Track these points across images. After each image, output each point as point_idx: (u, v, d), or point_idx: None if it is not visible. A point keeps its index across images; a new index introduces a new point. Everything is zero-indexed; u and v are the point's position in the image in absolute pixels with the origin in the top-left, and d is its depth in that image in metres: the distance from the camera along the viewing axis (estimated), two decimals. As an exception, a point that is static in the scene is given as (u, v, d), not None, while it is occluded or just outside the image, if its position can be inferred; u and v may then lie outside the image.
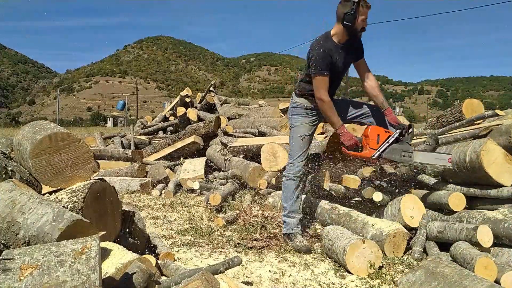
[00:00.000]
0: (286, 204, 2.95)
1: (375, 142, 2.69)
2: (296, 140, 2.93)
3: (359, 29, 2.75)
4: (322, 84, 2.74)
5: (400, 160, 2.72)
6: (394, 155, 2.69)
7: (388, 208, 2.94)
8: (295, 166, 2.92)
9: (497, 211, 2.48)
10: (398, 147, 2.69)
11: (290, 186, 2.95)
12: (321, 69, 2.72)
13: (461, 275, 1.82)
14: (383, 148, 2.67)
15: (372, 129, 2.74)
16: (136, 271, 1.52)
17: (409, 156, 2.69)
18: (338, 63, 2.82)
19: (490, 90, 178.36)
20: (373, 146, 2.69)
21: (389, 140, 2.67)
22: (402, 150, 2.70)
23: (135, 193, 5.02)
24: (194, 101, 8.67)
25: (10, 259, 1.32)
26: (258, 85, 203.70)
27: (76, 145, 2.08)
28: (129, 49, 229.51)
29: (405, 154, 2.70)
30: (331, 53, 2.76)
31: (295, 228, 2.91)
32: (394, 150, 2.68)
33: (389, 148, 2.67)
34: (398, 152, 2.69)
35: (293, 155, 2.94)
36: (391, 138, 2.68)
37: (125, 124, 34.93)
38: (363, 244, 2.34)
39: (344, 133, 2.73)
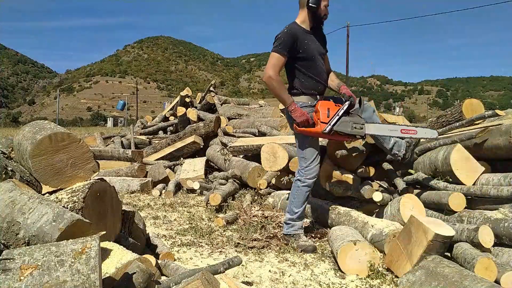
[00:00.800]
0: (298, 209, 2.86)
1: (325, 116, 2.65)
2: (308, 142, 2.81)
3: (322, 15, 2.82)
4: (276, 61, 2.71)
5: (351, 132, 2.67)
6: (345, 128, 2.64)
7: (388, 208, 2.94)
8: (313, 169, 2.82)
9: (497, 211, 2.48)
10: (349, 119, 2.66)
11: (305, 191, 2.85)
12: (281, 47, 2.71)
13: (461, 275, 1.82)
14: (333, 122, 2.62)
15: (321, 103, 2.70)
16: (136, 271, 1.52)
17: (360, 127, 2.68)
18: (310, 46, 2.79)
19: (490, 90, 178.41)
20: (324, 120, 2.64)
21: (338, 113, 2.64)
22: (353, 122, 2.67)
23: (135, 193, 5.02)
24: (194, 101, 8.67)
25: (10, 259, 1.32)
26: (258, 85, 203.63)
27: (76, 145, 2.08)
28: (129, 49, 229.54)
29: (356, 126, 2.67)
30: (298, 35, 2.75)
31: (300, 230, 2.90)
32: (345, 123, 2.64)
33: (339, 121, 2.63)
34: (349, 124, 2.66)
35: (308, 158, 2.81)
36: (340, 110, 2.65)
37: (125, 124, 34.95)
38: (355, 246, 2.34)
39: (295, 109, 2.68)
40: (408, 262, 2.10)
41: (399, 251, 2.22)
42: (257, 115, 7.04)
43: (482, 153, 2.91)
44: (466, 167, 2.80)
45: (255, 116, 6.99)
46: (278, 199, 3.71)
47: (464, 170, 2.79)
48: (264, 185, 4.06)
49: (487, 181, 2.71)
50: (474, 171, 2.81)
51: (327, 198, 3.59)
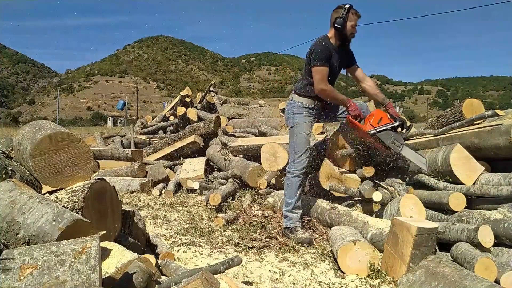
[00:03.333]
0: (291, 200, 3.05)
1: (376, 122, 2.97)
2: (300, 137, 3.06)
3: (348, 34, 3.03)
4: (322, 74, 2.95)
5: (389, 145, 2.95)
6: (386, 139, 2.94)
7: (388, 208, 2.94)
8: (301, 162, 3.05)
9: (497, 211, 2.48)
10: (393, 134, 2.96)
11: (296, 182, 3.06)
12: (322, 60, 2.95)
13: (461, 275, 1.82)
14: (380, 129, 2.95)
15: (378, 111, 3.03)
16: (136, 271, 1.52)
17: (398, 145, 2.96)
18: (334, 63, 3.06)
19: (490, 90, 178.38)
20: (373, 124, 2.97)
21: (387, 125, 2.96)
22: (395, 138, 2.96)
23: (135, 193, 5.02)
24: (194, 101, 8.68)
25: (10, 259, 1.32)
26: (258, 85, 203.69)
27: (76, 145, 2.08)
28: (129, 49, 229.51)
29: (396, 142, 2.96)
30: (331, 50, 3.01)
31: (297, 222, 3.04)
32: (388, 135, 2.95)
33: (385, 131, 2.94)
34: (391, 138, 2.95)
35: (298, 152, 3.06)
36: (390, 124, 2.97)
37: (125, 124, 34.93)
38: (355, 246, 2.34)
39: (352, 105, 3.01)
40: (402, 263, 2.11)
41: (391, 256, 2.23)
42: (257, 115, 7.04)
43: (482, 153, 2.91)
44: (466, 167, 2.80)
45: (255, 116, 6.99)
46: (278, 199, 3.70)
47: (464, 170, 2.80)
48: (264, 185, 4.06)
49: (487, 181, 2.71)
50: (474, 171, 2.81)
51: (327, 198, 3.59)
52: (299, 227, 3.02)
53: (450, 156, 2.81)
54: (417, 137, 3.72)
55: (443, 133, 3.34)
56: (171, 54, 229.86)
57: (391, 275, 2.21)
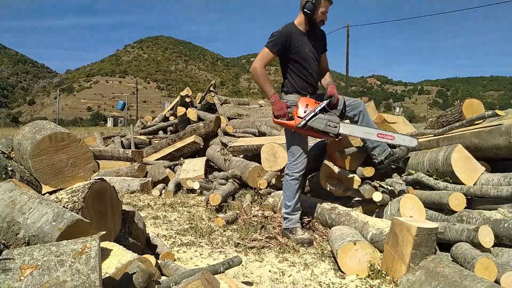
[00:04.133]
0: (290, 202, 3.00)
1: (302, 111, 2.72)
2: (295, 138, 2.95)
3: (318, 21, 2.88)
4: (264, 55, 2.86)
5: (325, 129, 2.70)
6: (319, 124, 2.69)
7: (388, 208, 2.94)
8: (299, 164, 2.96)
9: (497, 211, 2.48)
10: (324, 117, 2.71)
11: (294, 185, 2.99)
12: (272, 44, 2.84)
13: (461, 275, 1.82)
14: (308, 117, 2.69)
15: (302, 99, 2.78)
16: (136, 271, 1.52)
17: (334, 126, 2.71)
18: (303, 47, 2.89)
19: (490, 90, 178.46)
20: (300, 115, 2.72)
21: (315, 110, 2.70)
22: (328, 120, 2.71)
23: (135, 193, 5.02)
24: (194, 101, 8.67)
25: (10, 259, 1.32)
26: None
27: (76, 145, 2.08)
28: (129, 49, 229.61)
29: (331, 124, 2.70)
30: (291, 35, 2.86)
31: (297, 223, 3.01)
32: (319, 119, 2.70)
33: (315, 117, 2.69)
34: (323, 121, 2.70)
35: (296, 153, 2.96)
36: (317, 107, 2.71)
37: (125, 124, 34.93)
38: (355, 246, 2.34)
39: (276, 102, 2.80)
40: (402, 263, 2.11)
41: (391, 256, 2.23)
42: (257, 115, 7.03)
43: (482, 153, 2.91)
44: (466, 167, 2.80)
45: (255, 116, 6.99)
46: (278, 199, 3.70)
47: (464, 170, 2.80)
48: (264, 185, 4.06)
49: (487, 181, 2.71)
50: (475, 171, 2.81)
51: (327, 198, 3.59)
52: (299, 228, 3.00)
53: (451, 157, 2.81)
54: (417, 137, 3.72)
55: (443, 133, 3.34)
56: (171, 54, 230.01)
57: (391, 275, 2.21)
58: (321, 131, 2.72)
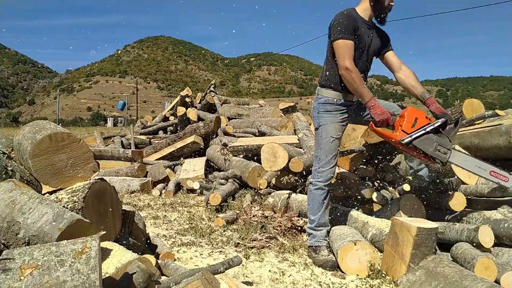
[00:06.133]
0: (314, 216, 2.60)
1: (410, 126, 2.28)
2: (325, 142, 2.54)
3: (386, 4, 2.47)
4: (346, 50, 2.35)
5: (432, 154, 2.27)
6: (427, 146, 2.25)
7: (388, 208, 2.94)
8: (325, 172, 2.55)
9: (497, 211, 2.48)
10: (436, 138, 2.27)
11: (319, 195, 2.58)
12: (346, 32, 2.36)
13: (461, 275, 1.82)
14: (417, 135, 2.26)
15: (410, 110, 2.34)
16: (136, 271, 1.52)
17: (444, 152, 2.27)
18: (364, 37, 2.46)
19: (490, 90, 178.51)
20: (406, 129, 2.27)
21: (426, 128, 2.27)
22: (439, 143, 2.27)
23: (135, 193, 5.02)
24: (194, 101, 8.68)
25: (10, 259, 1.32)
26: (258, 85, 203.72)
27: (76, 145, 2.08)
28: (129, 49, 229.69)
29: (441, 148, 2.27)
30: (357, 21, 2.43)
31: (323, 241, 2.59)
32: (429, 141, 2.26)
33: (424, 136, 2.26)
34: (433, 144, 2.26)
35: (322, 159, 2.55)
36: (429, 126, 2.27)
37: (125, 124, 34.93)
38: (355, 246, 2.34)
39: (375, 106, 2.32)
40: (402, 263, 2.11)
41: (391, 256, 2.23)
42: (257, 115, 7.04)
43: (482, 153, 2.91)
44: (464, 175, 2.78)
45: (255, 116, 7.00)
46: (278, 199, 3.70)
47: (463, 178, 2.78)
48: (264, 185, 4.06)
49: (487, 181, 2.71)
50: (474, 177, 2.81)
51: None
52: (325, 247, 2.56)
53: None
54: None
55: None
56: (171, 54, 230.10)
57: (391, 275, 2.21)
58: (427, 154, 2.30)
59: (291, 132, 5.54)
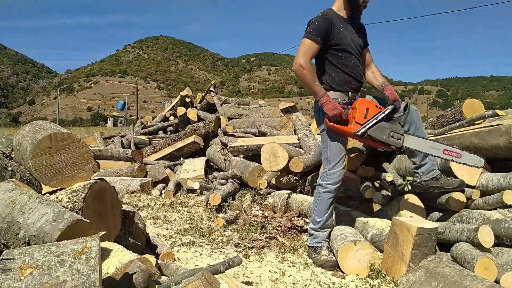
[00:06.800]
0: (320, 218, 2.59)
1: (362, 116, 2.34)
2: (333, 144, 2.53)
3: (360, 2, 2.51)
4: (308, 48, 2.42)
5: (387, 141, 2.35)
6: (382, 134, 2.33)
7: (388, 208, 2.94)
8: (336, 174, 2.53)
9: (497, 211, 2.48)
10: (388, 126, 2.35)
11: (327, 198, 2.57)
12: (314, 33, 2.42)
13: (461, 275, 1.82)
14: (370, 124, 2.32)
15: (361, 101, 2.39)
16: (136, 271, 1.52)
17: (398, 138, 2.36)
18: (346, 35, 2.50)
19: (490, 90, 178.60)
20: (359, 121, 2.33)
21: (377, 116, 2.33)
22: (392, 130, 2.35)
23: (135, 193, 5.02)
24: (194, 101, 8.68)
25: (10, 259, 1.32)
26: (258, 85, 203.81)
27: (76, 145, 2.08)
28: (129, 49, 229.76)
29: (394, 135, 2.35)
30: (333, 21, 2.47)
31: (323, 241, 2.62)
32: (382, 129, 2.33)
33: (377, 125, 2.33)
34: (386, 131, 2.34)
35: (332, 161, 2.53)
36: (380, 114, 2.34)
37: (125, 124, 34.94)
38: (355, 246, 2.34)
39: (328, 102, 2.38)
40: (402, 263, 2.11)
41: (391, 255, 2.23)
42: (257, 115, 7.04)
43: (482, 153, 2.90)
44: (467, 169, 2.77)
45: (255, 116, 7.00)
46: (278, 199, 3.70)
47: (464, 171, 2.78)
48: (264, 185, 4.06)
49: (486, 181, 2.71)
50: (475, 171, 2.80)
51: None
52: (325, 247, 2.58)
53: (450, 163, 2.78)
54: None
55: (443, 133, 3.34)
56: (171, 54, 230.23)
57: (391, 275, 2.21)
58: (382, 142, 2.36)
59: (291, 132, 5.54)
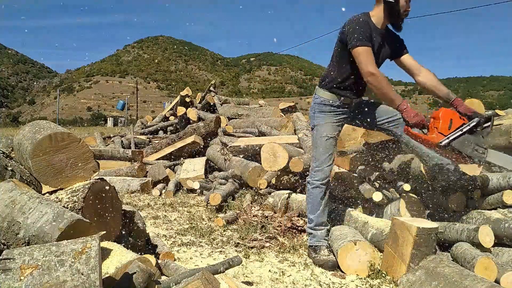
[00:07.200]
0: (313, 215, 2.63)
1: (446, 127, 2.27)
2: (320, 141, 2.58)
3: (402, 11, 2.42)
4: (367, 56, 2.32)
5: (471, 154, 2.28)
6: (466, 147, 2.26)
7: (388, 208, 2.94)
8: (322, 171, 2.58)
9: (497, 211, 2.48)
10: (472, 139, 2.28)
11: (317, 194, 2.61)
12: (363, 39, 2.33)
13: (461, 275, 1.82)
14: (454, 136, 2.24)
15: (444, 111, 2.31)
16: (136, 271, 1.52)
17: (482, 152, 2.29)
18: (375, 46, 2.43)
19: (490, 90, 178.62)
20: (443, 131, 2.26)
21: (463, 129, 2.27)
22: (476, 143, 2.28)
23: (135, 193, 5.02)
24: (194, 101, 8.68)
25: (10, 259, 1.32)
26: (258, 85, 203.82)
27: (76, 145, 2.08)
28: (129, 49, 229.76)
29: (478, 149, 2.28)
30: (370, 26, 2.41)
31: (323, 240, 2.62)
32: (467, 142, 2.26)
33: (461, 137, 2.25)
34: (471, 144, 2.27)
35: (318, 159, 2.59)
36: (465, 126, 2.27)
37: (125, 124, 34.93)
38: (355, 246, 2.34)
39: (408, 109, 2.30)
40: (402, 263, 2.11)
41: (391, 256, 2.23)
42: (257, 115, 7.04)
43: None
44: (466, 167, 2.78)
45: (255, 116, 7.00)
46: (278, 199, 3.70)
47: (465, 170, 2.78)
48: (264, 185, 4.06)
49: (486, 180, 2.71)
50: (474, 170, 2.81)
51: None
52: (325, 247, 2.58)
53: None
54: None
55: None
56: (171, 54, 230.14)
57: (391, 275, 2.21)
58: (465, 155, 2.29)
59: (291, 132, 5.54)
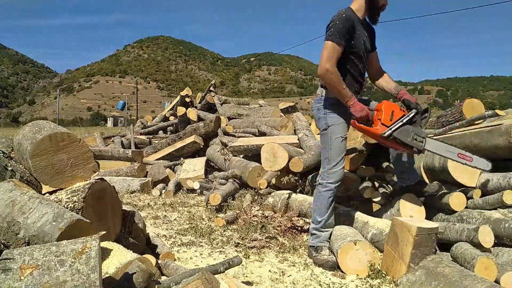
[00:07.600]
0: (322, 217, 2.61)
1: (388, 118, 2.43)
2: (336, 142, 2.56)
3: (380, 4, 2.53)
4: (332, 52, 2.39)
5: (411, 143, 2.43)
6: (406, 137, 2.41)
7: (388, 208, 2.94)
8: (337, 172, 2.56)
9: (497, 211, 2.48)
10: (412, 129, 2.44)
11: (328, 197, 2.58)
12: (338, 36, 2.39)
13: (461, 275, 1.82)
14: (395, 127, 2.40)
15: (386, 104, 2.47)
16: (136, 271, 1.52)
17: (420, 141, 2.45)
18: (361, 38, 2.52)
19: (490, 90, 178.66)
20: (385, 122, 2.42)
21: (403, 119, 2.42)
22: (415, 133, 2.44)
23: (135, 193, 5.02)
24: (194, 101, 8.68)
25: (10, 259, 1.32)
26: (258, 85, 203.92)
27: (76, 145, 2.09)
28: (129, 49, 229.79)
29: (417, 138, 2.44)
30: (354, 23, 2.47)
31: (325, 241, 2.62)
32: (407, 131, 2.41)
33: (402, 127, 2.41)
34: (411, 134, 2.42)
35: (333, 160, 2.56)
36: (405, 117, 2.43)
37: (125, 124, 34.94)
38: (355, 246, 2.34)
39: (355, 104, 2.42)
40: (402, 263, 2.11)
41: (391, 256, 2.23)
42: (257, 115, 7.04)
43: (482, 153, 2.90)
44: (464, 169, 2.77)
45: (255, 116, 7.00)
46: (278, 199, 3.70)
47: (464, 173, 2.76)
48: (264, 185, 4.06)
49: (486, 181, 2.71)
50: (474, 172, 2.80)
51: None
52: (326, 247, 2.58)
53: (448, 165, 2.79)
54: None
55: (443, 133, 3.34)
56: (171, 54, 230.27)
57: (391, 275, 2.21)
58: (406, 144, 2.43)
59: (291, 132, 5.54)
